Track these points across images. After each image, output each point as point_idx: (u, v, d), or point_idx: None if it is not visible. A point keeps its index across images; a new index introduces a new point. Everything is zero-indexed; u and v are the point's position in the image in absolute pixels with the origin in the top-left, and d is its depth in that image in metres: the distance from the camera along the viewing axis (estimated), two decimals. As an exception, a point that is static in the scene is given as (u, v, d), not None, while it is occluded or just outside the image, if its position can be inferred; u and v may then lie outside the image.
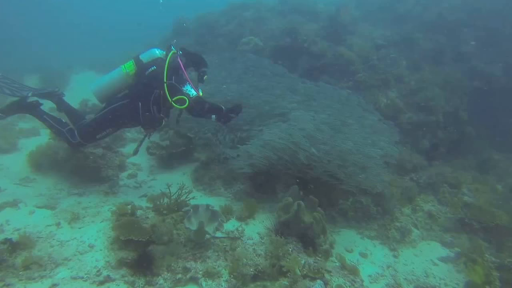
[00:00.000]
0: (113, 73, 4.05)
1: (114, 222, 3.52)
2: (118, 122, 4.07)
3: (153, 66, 3.95)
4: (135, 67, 3.99)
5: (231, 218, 4.19)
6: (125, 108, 3.96)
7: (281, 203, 3.90)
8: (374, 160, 4.29)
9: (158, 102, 3.98)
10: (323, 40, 8.04)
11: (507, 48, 8.83)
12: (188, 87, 3.94)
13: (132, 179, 5.22)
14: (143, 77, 3.95)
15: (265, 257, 3.41)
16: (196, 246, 3.40)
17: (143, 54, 4.10)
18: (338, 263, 3.70)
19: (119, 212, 3.69)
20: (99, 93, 4.05)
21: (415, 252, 4.36)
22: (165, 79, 3.81)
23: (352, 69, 7.16)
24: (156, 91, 3.93)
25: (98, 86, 4.04)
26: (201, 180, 5.13)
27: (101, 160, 4.97)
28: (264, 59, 6.88)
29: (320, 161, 4.13)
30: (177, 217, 3.72)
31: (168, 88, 3.80)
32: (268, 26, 9.19)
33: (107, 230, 3.49)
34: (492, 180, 6.45)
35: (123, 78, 4.01)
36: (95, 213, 3.91)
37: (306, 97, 5.41)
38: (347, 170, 4.17)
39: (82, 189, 4.58)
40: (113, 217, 3.69)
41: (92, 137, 4.08)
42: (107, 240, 3.34)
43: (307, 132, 4.33)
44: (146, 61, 4.01)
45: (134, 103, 3.95)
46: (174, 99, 3.79)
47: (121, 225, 3.34)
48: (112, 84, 4.04)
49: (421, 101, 6.68)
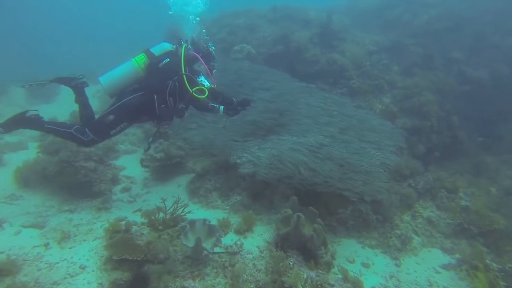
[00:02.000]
0: (124, 66, 3.90)
1: (107, 240, 3.38)
2: (132, 116, 3.93)
3: (167, 58, 3.88)
4: (147, 59, 3.88)
5: (229, 232, 4.09)
6: (140, 101, 3.83)
7: (280, 215, 3.80)
8: (375, 168, 4.24)
9: (174, 93, 3.89)
10: (315, 47, 8.02)
11: (492, 54, 9.05)
12: (203, 78, 3.93)
13: (126, 193, 5.09)
14: (156, 70, 3.85)
15: (266, 272, 3.29)
16: (194, 263, 3.26)
17: (154, 47, 4.01)
18: (340, 275, 3.61)
19: (113, 229, 3.55)
20: (110, 87, 3.86)
21: (417, 260, 4.29)
22: (183, 70, 3.74)
23: (345, 75, 7.15)
24: (171, 83, 3.84)
25: (109, 79, 3.85)
26: (197, 192, 5.01)
27: (93, 174, 4.84)
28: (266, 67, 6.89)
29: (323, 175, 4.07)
30: (174, 233, 3.61)
31: (188, 79, 3.73)
32: (260, 34, 9.14)
33: (100, 249, 3.35)
34: (485, 183, 6.50)
35: (135, 71, 3.87)
36: (87, 230, 3.76)
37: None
38: (349, 181, 4.10)
39: (73, 205, 4.43)
40: (106, 234, 3.55)
41: (106, 133, 3.88)
42: (100, 260, 3.19)
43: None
44: (158, 54, 3.92)
45: (149, 95, 3.84)
46: (194, 89, 3.71)
47: (115, 244, 3.21)
48: (123, 77, 3.87)
49: (415, 106, 6.68)
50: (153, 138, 4.30)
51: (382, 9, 11.12)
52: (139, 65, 3.86)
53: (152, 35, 13.41)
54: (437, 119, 6.82)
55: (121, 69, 3.91)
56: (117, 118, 3.84)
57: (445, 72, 8.42)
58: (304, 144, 4.43)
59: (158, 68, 3.85)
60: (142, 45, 4.06)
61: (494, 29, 9.72)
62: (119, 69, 3.91)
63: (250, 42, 8.90)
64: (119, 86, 3.90)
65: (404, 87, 7.13)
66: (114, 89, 3.91)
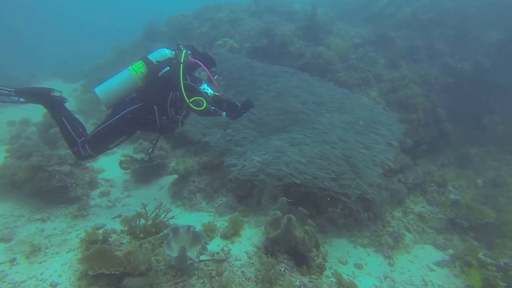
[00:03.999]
0: (121, 75, 3.67)
1: (83, 252, 3.11)
2: (132, 129, 3.75)
3: (166, 66, 3.66)
4: (146, 68, 3.67)
5: (215, 237, 3.87)
6: (140, 112, 3.62)
7: (269, 218, 3.61)
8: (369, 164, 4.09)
9: (176, 104, 3.72)
10: (300, 40, 7.83)
11: (474, 47, 9.11)
12: (205, 86, 3.74)
13: (105, 198, 4.80)
14: (156, 79, 3.64)
15: (256, 281, 3.09)
16: (178, 274, 3.02)
17: (152, 54, 3.81)
18: (334, 279, 3.45)
19: (89, 239, 3.29)
20: (107, 98, 3.63)
21: (410, 258, 4.18)
22: (182, 79, 3.53)
23: (332, 68, 6.98)
24: (172, 93, 3.66)
25: (106, 90, 3.62)
26: (180, 195, 4.75)
27: (68, 179, 4.51)
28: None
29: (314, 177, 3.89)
30: (156, 241, 3.37)
31: (186, 89, 3.54)
32: (244, 28, 8.90)
33: (75, 262, 3.06)
34: (472, 174, 6.52)
35: (133, 80, 3.64)
36: (61, 242, 3.48)
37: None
38: (342, 181, 3.93)
39: (46, 214, 4.10)
40: (81, 245, 3.28)
41: (104, 147, 3.69)
42: (74, 275, 2.91)
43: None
44: (157, 62, 3.73)
45: (149, 106, 3.63)
46: (191, 100, 3.53)
47: (91, 256, 2.94)
48: (121, 87, 3.64)
49: (402, 99, 6.58)
50: (153, 148, 4.14)
51: (366, 2, 11.07)
52: (137, 74, 3.64)
53: (131, 30, 13.00)
54: (424, 112, 6.75)
55: (118, 78, 3.67)
56: (116, 132, 3.65)
57: (430, 65, 8.41)
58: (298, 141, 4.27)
59: (157, 78, 3.64)
60: (121, 40, 3.81)
61: (476, 22, 9.78)
62: (115, 78, 3.68)
63: (233, 36, 8.69)
64: (116, 97, 3.66)
65: (391, 80, 7.02)
66: (112, 100, 3.66)
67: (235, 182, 4.71)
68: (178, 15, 10.99)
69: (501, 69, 9.08)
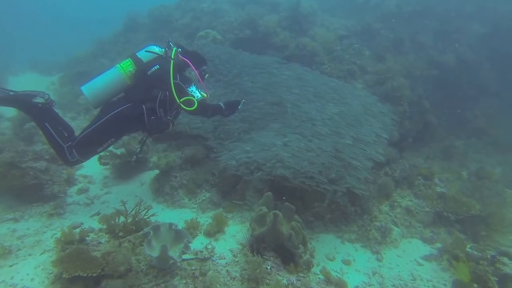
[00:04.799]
0: (109, 73, 3.56)
1: (58, 253, 2.92)
2: (121, 130, 3.66)
3: (156, 65, 3.57)
4: (134, 66, 3.56)
5: (199, 234, 3.73)
6: (128, 113, 3.51)
7: (255, 214, 3.48)
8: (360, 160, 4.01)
9: (165, 104, 3.63)
10: (285, 31, 7.69)
11: (457, 39, 9.18)
12: (194, 88, 3.66)
13: (83, 195, 4.60)
14: (145, 77, 3.54)
15: (242, 280, 2.97)
16: (160, 274, 2.87)
17: (141, 51, 3.68)
18: (322, 276, 3.36)
19: (65, 239, 3.08)
20: (94, 97, 3.51)
21: (398, 252, 4.14)
22: (172, 78, 3.46)
23: (317, 60, 6.87)
24: (161, 92, 3.56)
25: (93, 89, 3.50)
26: (162, 191, 4.58)
27: (44, 176, 4.31)
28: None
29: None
30: (136, 239, 3.19)
31: (176, 88, 3.45)
32: (226, 19, 8.66)
33: (49, 264, 2.86)
34: (456, 167, 6.57)
35: (121, 79, 3.54)
36: (34, 242, 3.27)
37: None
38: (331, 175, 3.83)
39: (20, 213, 3.89)
40: (57, 246, 3.08)
41: (92, 151, 3.63)
42: (48, 279, 2.72)
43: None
44: (146, 60, 3.62)
45: (137, 107, 3.53)
46: (182, 100, 3.47)
47: (66, 258, 2.74)
48: (109, 85, 3.53)
49: (388, 91, 6.53)
50: (141, 148, 4.02)
51: (351, -7, 10.94)
52: (125, 72, 3.52)
53: (112, 22, 12.56)
54: (409, 104, 6.74)
55: (105, 77, 3.54)
56: (105, 134, 3.52)
57: (415, 56, 8.38)
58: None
59: (146, 76, 3.54)
60: (101, 32, 3.63)
61: (457, 14, 9.86)
62: (103, 77, 3.54)
63: (216, 27, 8.45)
64: (104, 97, 3.56)
65: (377, 72, 6.96)
66: (99, 99, 3.56)
67: (218, 176, 4.57)
68: (159, 6, 10.65)
69: (482, 62, 9.22)
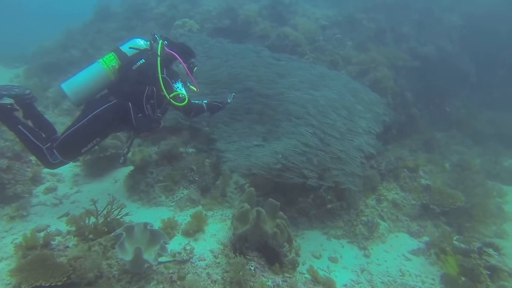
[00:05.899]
0: (91, 69, 3.32)
1: (18, 260, 2.61)
2: (106, 130, 3.40)
3: (141, 59, 3.36)
4: (118, 61, 3.34)
5: (176, 234, 3.43)
6: (113, 111, 3.28)
7: (236, 212, 3.21)
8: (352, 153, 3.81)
9: (152, 100, 3.40)
10: (265, 21, 7.41)
11: (437, 31, 9.19)
12: (180, 85, 3.41)
13: (50, 194, 4.18)
14: (130, 73, 3.32)
15: (223, 283, 2.70)
16: (134, 279, 2.58)
17: (125, 45, 3.45)
18: (308, 276, 3.14)
19: (27, 245, 2.78)
20: (75, 95, 3.27)
21: (385, 247, 3.97)
22: (160, 73, 3.26)
23: (299, 50, 6.63)
24: (148, 88, 3.33)
25: (74, 86, 3.25)
26: (137, 188, 4.23)
27: (5, 175, 3.91)
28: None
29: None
30: (107, 242, 2.90)
31: (164, 83, 3.26)
32: (204, 7, 8.31)
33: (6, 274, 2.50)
34: (439, 159, 6.52)
35: (104, 74, 3.30)
36: (-10, 249, 2.87)
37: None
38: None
39: (-24, 217, 3.45)
40: (17, 252, 2.76)
41: (76, 152, 3.35)
42: (3, 291, 2.35)
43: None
44: (131, 54, 3.40)
45: (122, 104, 3.30)
46: (172, 95, 3.26)
47: (26, 266, 2.43)
48: (91, 83, 3.29)
49: (371, 82, 6.37)
50: (128, 148, 3.68)
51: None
52: (108, 67, 3.31)
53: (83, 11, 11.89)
54: (393, 95, 6.62)
55: (87, 72, 3.32)
56: (89, 135, 3.25)
57: (396, 48, 8.32)
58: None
59: (131, 71, 3.32)
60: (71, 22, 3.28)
61: (437, 5, 9.86)
62: (85, 72, 3.32)
63: (193, 16, 8.08)
64: (86, 94, 3.32)
65: (360, 63, 6.80)
66: (81, 97, 3.32)
67: (197, 172, 4.26)
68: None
69: (462, 54, 9.27)
